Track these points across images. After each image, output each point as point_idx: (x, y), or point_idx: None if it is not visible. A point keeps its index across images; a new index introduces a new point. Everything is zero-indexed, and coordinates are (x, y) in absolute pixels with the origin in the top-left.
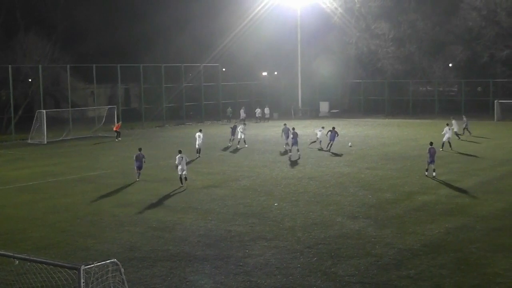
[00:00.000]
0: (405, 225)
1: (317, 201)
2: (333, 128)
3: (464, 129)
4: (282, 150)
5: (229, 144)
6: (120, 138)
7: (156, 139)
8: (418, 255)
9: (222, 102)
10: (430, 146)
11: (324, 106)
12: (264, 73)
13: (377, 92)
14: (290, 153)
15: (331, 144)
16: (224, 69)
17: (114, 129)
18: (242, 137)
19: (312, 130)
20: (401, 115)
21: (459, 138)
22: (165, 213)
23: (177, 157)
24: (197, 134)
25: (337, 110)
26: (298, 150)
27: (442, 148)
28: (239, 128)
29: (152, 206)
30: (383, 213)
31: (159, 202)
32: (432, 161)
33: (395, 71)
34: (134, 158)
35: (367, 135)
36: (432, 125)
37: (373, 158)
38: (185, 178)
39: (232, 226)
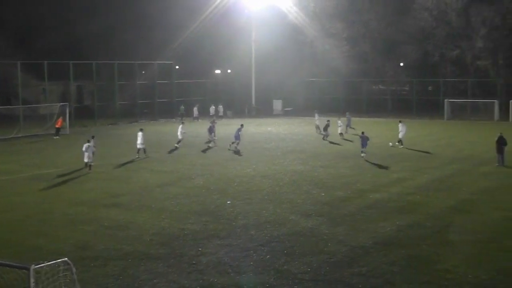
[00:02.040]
0: (357, 223)
1: (270, 199)
2: (363, 132)
3: (346, 126)
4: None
5: (210, 146)
6: (58, 136)
7: (108, 137)
8: (370, 252)
9: (176, 99)
10: (361, 134)
11: (277, 105)
12: (217, 71)
13: (332, 91)
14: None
15: (364, 151)
16: (177, 67)
17: (56, 125)
18: (180, 137)
19: (264, 129)
20: (356, 113)
21: (342, 136)
22: (118, 211)
23: (84, 145)
24: (139, 133)
25: (291, 108)
26: (236, 144)
27: (402, 144)
28: (180, 128)
29: (105, 204)
30: (335, 211)
31: (112, 201)
32: (363, 146)
33: (350, 70)
34: (84, 149)
35: (319, 134)
36: (385, 124)
37: (327, 156)
38: (90, 167)
39: (186, 225)
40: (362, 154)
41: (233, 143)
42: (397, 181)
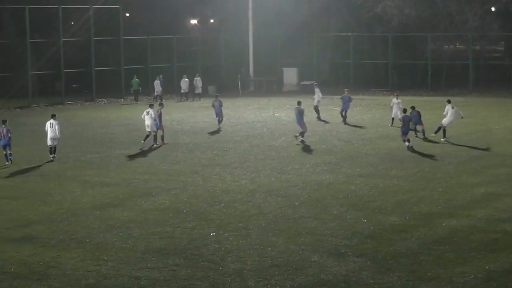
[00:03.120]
0: (421, 267)
1: (279, 229)
2: (413, 107)
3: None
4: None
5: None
6: None
7: (16, 129)
8: None
9: (124, 68)
10: (410, 111)
11: (290, 76)
12: (193, 21)
13: (376, 53)
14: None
15: (419, 130)
16: (128, 15)
17: None
18: (149, 129)
19: (269, 114)
20: (415, 90)
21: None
22: (32, 249)
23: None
24: (48, 122)
25: (311, 82)
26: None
27: (444, 136)
28: (146, 113)
29: (11, 238)
30: (385, 249)
31: (22, 232)
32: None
33: (405, 20)
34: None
35: (360, 121)
36: (465, 106)
37: (370, 159)
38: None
39: (142, 271)
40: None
41: (301, 133)
42: (484, 198)
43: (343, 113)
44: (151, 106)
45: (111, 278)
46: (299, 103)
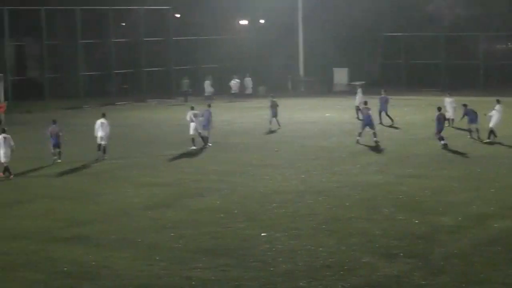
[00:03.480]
0: (473, 269)
1: (330, 230)
2: (465, 105)
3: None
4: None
5: (272, 128)
6: None
7: (67, 129)
8: None
9: (174, 68)
10: (465, 108)
11: (340, 76)
12: (243, 22)
13: (427, 54)
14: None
15: (474, 129)
16: (178, 15)
17: None
18: (194, 132)
19: (320, 114)
20: (468, 89)
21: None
22: (83, 249)
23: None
24: (99, 122)
25: (361, 82)
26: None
27: (495, 136)
28: (190, 115)
29: (62, 238)
30: (437, 249)
31: (73, 232)
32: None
33: (456, 19)
34: (48, 133)
35: (411, 121)
36: None
37: (421, 159)
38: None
39: (193, 271)
40: (471, 135)
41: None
42: None
43: (381, 114)
44: (192, 108)
45: (163, 278)
46: (365, 103)
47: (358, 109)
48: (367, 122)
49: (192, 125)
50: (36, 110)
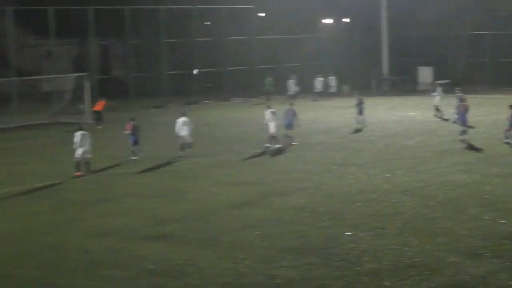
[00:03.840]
0: None
1: (415, 229)
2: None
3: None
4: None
5: (358, 126)
6: (101, 126)
7: (151, 128)
8: None
9: (258, 67)
10: None
11: (425, 74)
12: (328, 21)
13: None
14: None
15: None
16: (262, 14)
17: (95, 108)
18: (273, 130)
19: (404, 113)
20: None
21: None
22: (168, 247)
23: (76, 134)
24: (180, 120)
25: (447, 81)
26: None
27: None
28: (269, 114)
29: (147, 236)
30: None
31: (158, 230)
32: None
33: None
34: (129, 130)
35: (497, 120)
36: None
37: (507, 158)
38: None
39: (278, 270)
40: None
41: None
42: None
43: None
44: (269, 107)
45: (247, 276)
46: (462, 100)
47: (437, 108)
48: (463, 119)
49: (272, 124)
50: (120, 108)
